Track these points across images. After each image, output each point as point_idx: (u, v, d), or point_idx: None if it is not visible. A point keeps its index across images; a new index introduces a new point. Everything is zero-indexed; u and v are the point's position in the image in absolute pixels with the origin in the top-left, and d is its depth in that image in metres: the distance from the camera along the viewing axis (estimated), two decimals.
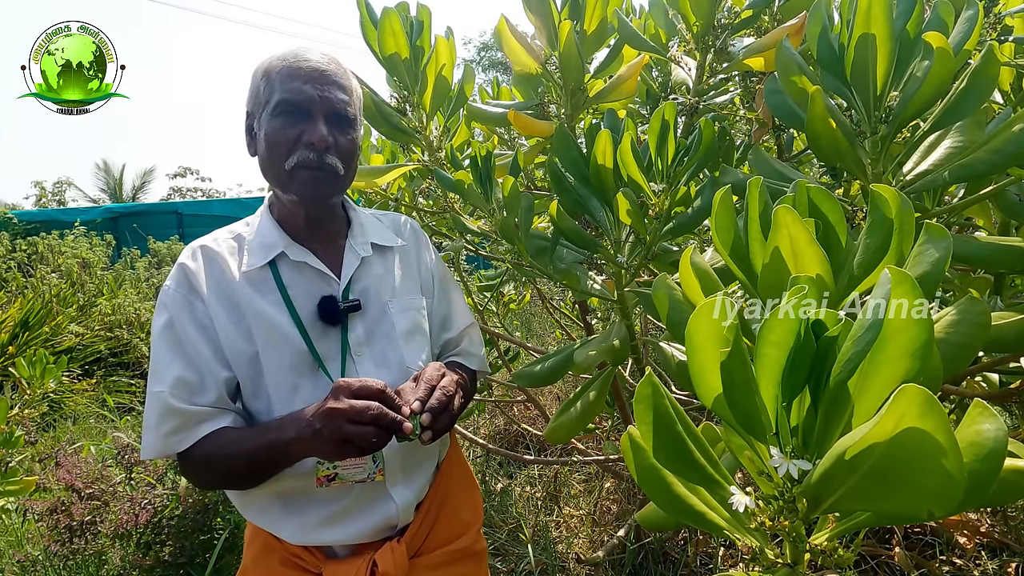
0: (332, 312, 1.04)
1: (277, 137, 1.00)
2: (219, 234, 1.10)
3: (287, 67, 1.01)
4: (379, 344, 1.08)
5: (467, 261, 3.30)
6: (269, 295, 1.03)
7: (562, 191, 1.24)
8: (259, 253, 1.05)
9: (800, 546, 0.54)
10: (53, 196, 15.16)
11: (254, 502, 1.04)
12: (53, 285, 5.96)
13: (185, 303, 1.01)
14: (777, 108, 1.05)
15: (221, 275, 1.03)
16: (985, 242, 0.89)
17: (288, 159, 1.01)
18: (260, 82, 1.04)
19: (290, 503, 1.02)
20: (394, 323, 1.10)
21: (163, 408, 0.97)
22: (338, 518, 1.02)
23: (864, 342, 0.44)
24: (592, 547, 2.34)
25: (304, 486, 1.01)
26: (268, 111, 1.02)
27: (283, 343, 1.01)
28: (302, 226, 1.09)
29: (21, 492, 2.36)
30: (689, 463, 0.58)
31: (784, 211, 0.57)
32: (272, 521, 1.03)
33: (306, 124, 1.00)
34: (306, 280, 1.06)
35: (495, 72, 21.35)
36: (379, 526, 1.04)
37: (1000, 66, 0.89)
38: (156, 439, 0.97)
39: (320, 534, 1.02)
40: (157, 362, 0.99)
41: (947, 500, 0.40)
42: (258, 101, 1.04)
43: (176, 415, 0.96)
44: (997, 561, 1.79)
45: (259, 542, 1.07)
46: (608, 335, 1.27)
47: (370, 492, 1.03)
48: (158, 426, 0.97)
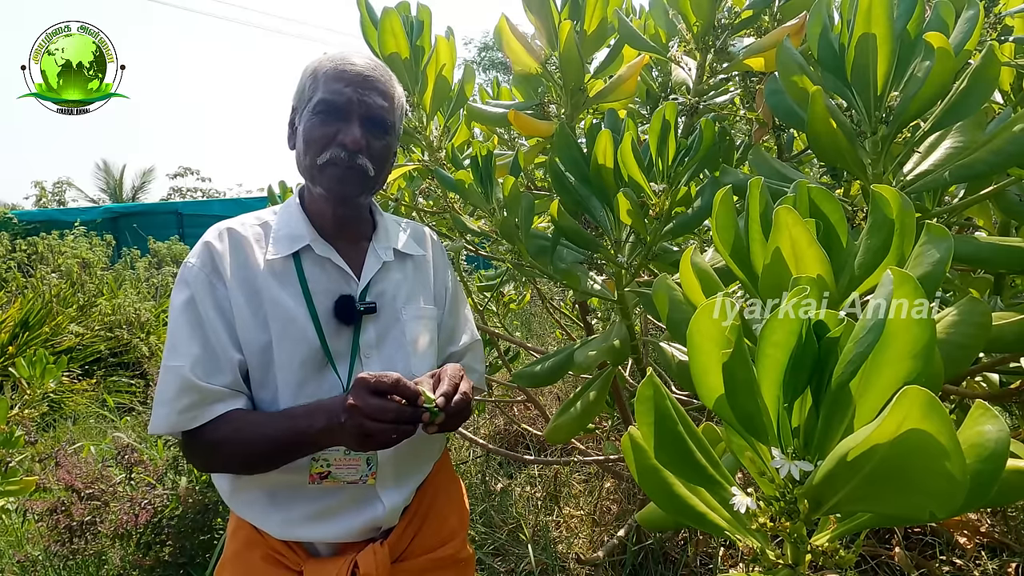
0: (349, 312, 1.06)
1: (314, 133, 1.04)
2: (246, 219, 1.10)
3: (333, 68, 1.05)
4: (388, 349, 1.10)
5: (467, 261, 3.30)
6: (289, 287, 1.04)
7: (562, 191, 1.24)
8: (285, 243, 1.06)
9: (801, 547, 0.54)
10: (53, 196, 15.17)
11: (242, 493, 1.04)
12: (53, 285, 5.96)
13: (207, 283, 1.01)
14: (777, 108, 1.05)
15: (245, 260, 1.04)
16: (985, 242, 0.89)
17: (321, 155, 1.04)
18: (307, 80, 1.07)
19: (278, 497, 1.03)
20: (405, 330, 1.12)
21: (181, 382, 0.96)
22: (325, 516, 1.03)
23: (866, 343, 0.44)
24: (592, 547, 2.34)
25: (295, 481, 1.01)
26: (309, 108, 1.05)
27: (298, 336, 1.02)
28: (329, 222, 1.10)
29: (21, 492, 2.36)
30: (690, 464, 0.58)
31: (785, 211, 0.57)
32: (258, 514, 1.03)
33: (342, 124, 1.04)
34: (327, 277, 1.07)
35: (496, 72, 21.35)
36: (364, 527, 1.04)
37: (1000, 66, 0.89)
38: (170, 413, 0.96)
39: (305, 530, 1.02)
40: (176, 337, 0.99)
41: (949, 501, 0.40)
42: (302, 97, 1.08)
43: (194, 391, 0.96)
44: (997, 561, 1.79)
45: (241, 536, 1.07)
46: (608, 335, 1.27)
47: (359, 493, 1.04)
48: (174, 400, 0.96)
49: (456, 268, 2.56)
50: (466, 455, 3.17)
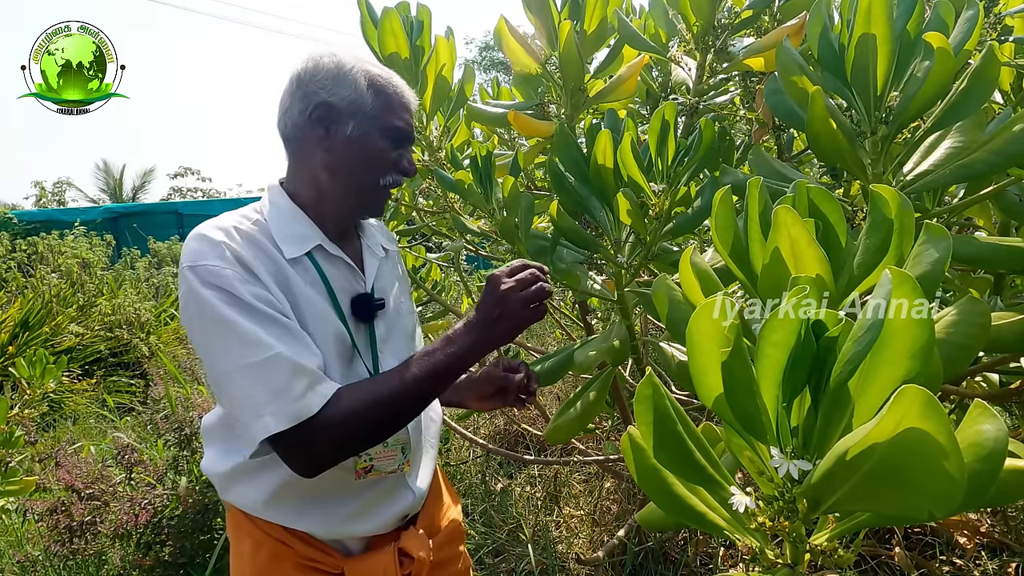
0: (367, 308, 1.09)
1: (384, 156, 1.08)
2: (237, 217, 1.04)
3: (397, 95, 1.08)
4: (394, 341, 1.14)
5: (467, 261, 3.30)
6: (313, 284, 1.04)
7: (562, 191, 1.24)
8: (294, 242, 1.04)
9: (800, 546, 0.54)
10: (53, 196, 15.15)
11: (282, 500, 1.03)
12: (53, 285, 5.96)
13: (243, 279, 0.95)
14: (777, 108, 1.05)
15: (266, 256, 1.00)
16: (985, 242, 0.89)
17: (385, 177, 1.09)
18: (366, 91, 1.05)
19: (321, 499, 1.04)
20: (404, 323, 1.17)
21: (292, 367, 0.90)
22: (364, 510, 1.06)
23: (864, 342, 0.44)
24: (592, 547, 2.34)
25: (342, 478, 1.03)
26: (377, 128, 1.06)
27: (333, 332, 1.02)
28: (332, 224, 1.10)
29: (21, 492, 2.37)
30: (689, 463, 0.58)
31: (784, 211, 0.57)
32: (296, 516, 1.03)
33: (403, 151, 1.10)
34: (340, 275, 1.09)
35: (496, 72, 21.34)
36: (395, 517, 1.09)
37: (1000, 66, 0.89)
38: (288, 403, 0.89)
39: (345, 527, 1.05)
40: (247, 332, 0.90)
41: (948, 501, 0.40)
42: (358, 106, 1.04)
43: (306, 373, 0.91)
44: (997, 561, 1.79)
45: (265, 552, 1.05)
46: (608, 335, 1.27)
47: (392, 484, 1.09)
48: (288, 389, 0.89)
49: (456, 268, 2.57)
50: (466, 455, 3.17)
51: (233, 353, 0.91)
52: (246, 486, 1.04)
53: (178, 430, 2.47)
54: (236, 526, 1.08)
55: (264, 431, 0.88)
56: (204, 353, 0.95)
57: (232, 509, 1.09)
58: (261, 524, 1.05)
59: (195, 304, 0.93)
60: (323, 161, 1.06)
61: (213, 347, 0.93)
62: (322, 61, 1.05)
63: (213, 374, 0.95)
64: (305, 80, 1.05)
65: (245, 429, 0.91)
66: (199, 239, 0.97)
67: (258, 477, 1.02)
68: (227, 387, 0.92)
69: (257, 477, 1.02)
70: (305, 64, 1.06)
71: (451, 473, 2.98)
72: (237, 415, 0.93)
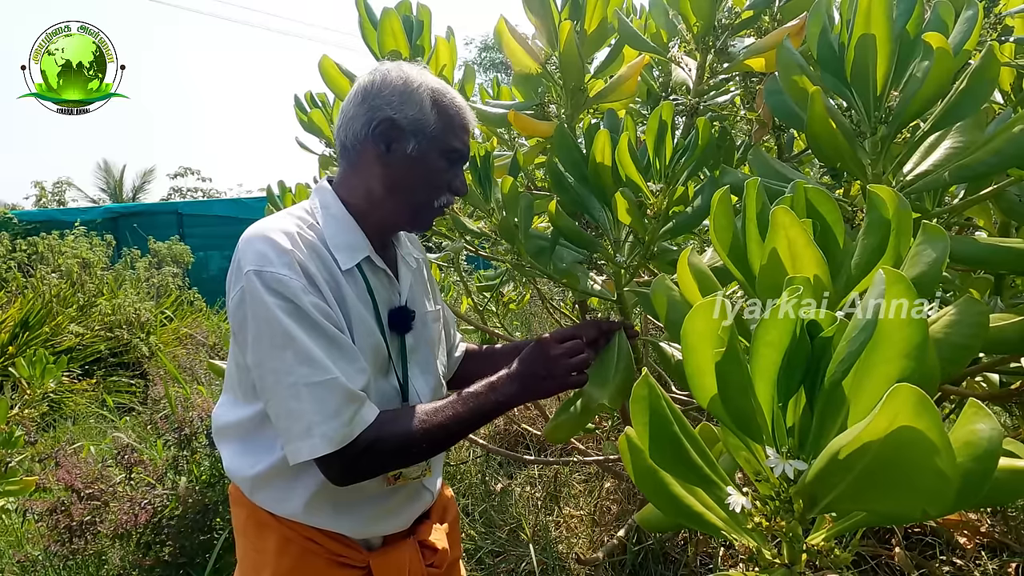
0: (404, 321, 1.11)
1: (440, 176, 1.09)
2: (295, 223, 1.03)
3: (459, 116, 1.09)
4: (422, 352, 1.17)
5: (467, 261, 3.30)
6: (362, 296, 1.05)
7: (562, 191, 1.25)
8: (347, 253, 1.05)
9: (797, 546, 0.54)
10: (53, 196, 15.16)
11: (319, 505, 1.05)
12: (53, 285, 5.96)
13: (307, 289, 0.96)
14: (777, 108, 1.05)
15: (324, 267, 1.01)
16: (985, 243, 0.89)
17: (440, 198, 1.10)
18: (430, 111, 1.05)
19: (355, 504, 1.08)
20: (430, 332, 1.20)
21: (345, 393, 0.94)
22: (390, 512, 1.12)
23: (858, 342, 0.44)
24: (592, 547, 2.34)
25: (373, 485, 1.07)
26: (437, 148, 1.06)
27: (373, 343, 1.05)
28: (377, 234, 1.11)
29: (21, 492, 2.37)
30: (686, 464, 0.58)
31: (782, 212, 0.57)
32: (329, 518, 1.06)
33: (458, 171, 1.12)
34: (383, 286, 1.10)
35: (496, 72, 21.34)
36: (413, 515, 1.17)
37: (1000, 66, 0.89)
38: (338, 427, 0.93)
39: (371, 527, 1.11)
40: (307, 349, 0.93)
41: (940, 499, 0.40)
42: (421, 126, 1.05)
43: (356, 399, 0.95)
44: (997, 561, 1.79)
45: (295, 550, 1.06)
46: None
47: (413, 487, 1.15)
48: (338, 414, 0.93)
49: (456, 268, 2.57)
50: (466, 455, 3.17)
51: (289, 366, 0.94)
52: (281, 491, 1.05)
53: (178, 430, 2.48)
54: (259, 524, 1.09)
55: (312, 452, 0.93)
56: (256, 356, 0.96)
57: (253, 507, 1.09)
58: (290, 523, 1.07)
59: (258, 307, 0.95)
60: (381, 175, 1.07)
61: (269, 354, 0.95)
62: (390, 76, 1.06)
63: (263, 377, 0.96)
64: (372, 93, 1.05)
65: (288, 439, 0.95)
66: (266, 242, 0.97)
67: (294, 485, 1.04)
68: (278, 397, 0.95)
69: (293, 484, 1.04)
70: (372, 77, 1.06)
71: (451, 473, 2.98)
72: (283, 424, 0.95)
